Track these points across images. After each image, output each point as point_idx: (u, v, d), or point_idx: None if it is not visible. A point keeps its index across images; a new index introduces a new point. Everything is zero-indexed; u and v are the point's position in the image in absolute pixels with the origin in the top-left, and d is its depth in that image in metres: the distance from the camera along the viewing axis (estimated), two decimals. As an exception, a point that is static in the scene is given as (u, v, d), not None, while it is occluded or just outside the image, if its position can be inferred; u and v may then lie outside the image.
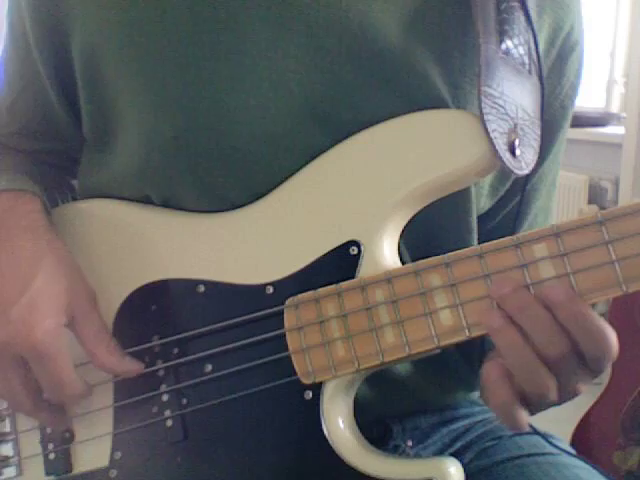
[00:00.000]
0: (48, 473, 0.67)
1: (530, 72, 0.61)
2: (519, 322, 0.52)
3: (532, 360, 0.52)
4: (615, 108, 2.92)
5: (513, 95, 0.59)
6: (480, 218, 0.68)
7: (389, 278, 0.56)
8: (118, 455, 0.64)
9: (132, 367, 0.63)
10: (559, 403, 0.56)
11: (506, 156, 0.57)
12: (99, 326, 0.63)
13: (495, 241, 0.54)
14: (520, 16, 0.61)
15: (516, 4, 0.61)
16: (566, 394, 0.55)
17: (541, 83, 0.62)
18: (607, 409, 1.57)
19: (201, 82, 0.61)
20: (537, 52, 0.62)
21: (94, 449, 0.65)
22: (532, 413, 0.56)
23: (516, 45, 0.60)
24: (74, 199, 0.78)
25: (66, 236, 0.69)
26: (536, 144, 0.60)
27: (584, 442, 1.58)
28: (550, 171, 0.74)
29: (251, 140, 0.61)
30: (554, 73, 0.68)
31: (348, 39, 0.60)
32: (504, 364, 0.53)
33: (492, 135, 0.56)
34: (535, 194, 0.73)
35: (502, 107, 0.57)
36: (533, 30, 0.61)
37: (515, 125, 0.58)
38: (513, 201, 0.71)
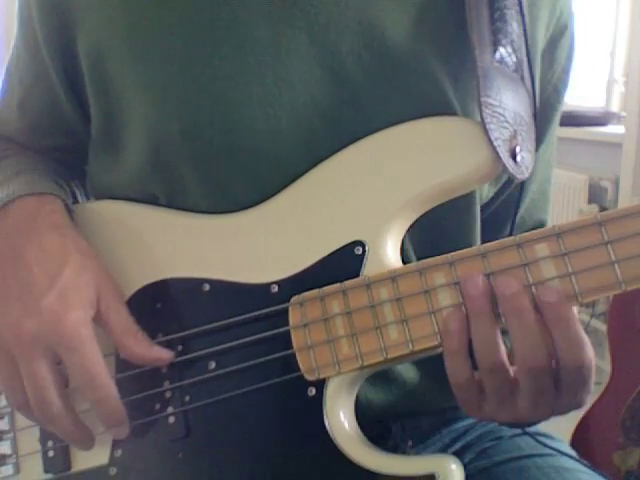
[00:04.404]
0: (46, 471, 0.67)
1: (523, 78, 0.62)
2: (510, 325, 0.53)
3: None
4: (615, 107, 2.91)
5: (510, 103, 0.60)
6: (481, 205, 0.69)
7: (394, 277, 0.57)
8: (118, 452, 0.64)
9: (162, 355, 0.62)
10: (531, 422, 0.58)
11: (509, 163, 0.58)
12: (126, 317, 0.63)
13: (497, 241, 0.55)
14: (513, 23, 0.62)
15: (508, 12, 0.61)
16: (537, 414, 0.56)
17: (532, 88, 0.63)
18: (607, 409, 1.57)
19: (205, 79, 0.61)
20: (529, 58, 0.63)
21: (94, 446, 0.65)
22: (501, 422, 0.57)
23: (509, 53, 0.61)
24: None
25: None
26: (532, 148, 0.62)
27: (584, 442, 1.58)
28: (545, 154, 0.75)
29: (255, 136, 0.61)
30: (545, 58, 0.69)
31: (349, 36, 0.61)
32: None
33: (495, 143, 0.57)
34: (531, 178, 0.74)
35: (502, 115, 0.58)
36: (526, 36, 0.62)
37: (515, 132, 0.59)
38: (511, 187, 0.72)
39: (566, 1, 0.70)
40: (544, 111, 0.70)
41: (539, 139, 0.67)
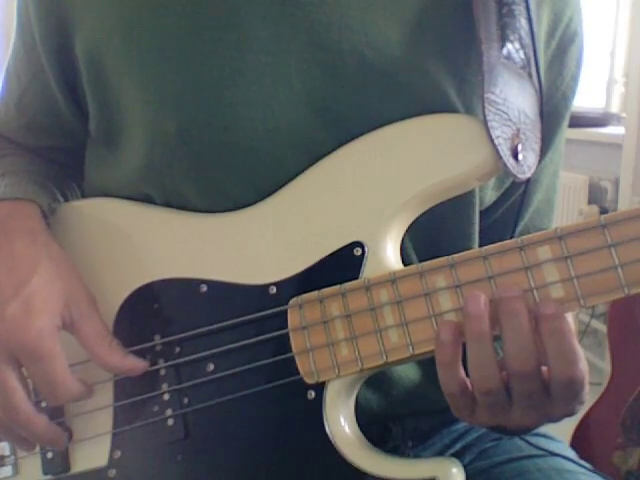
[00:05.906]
0: (45, 472, 0.67)
1: (530, 75, 0.62)
2: (503, 326, 0.53)
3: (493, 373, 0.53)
4: (615, 108, 2.91)
5: (515, 100, 0.59)
6: (483, 212, 0.69)
7: (393, 279, 0.57)
8: (117, 454, 0.64)
9: (136, 365, 0.62)
10: (525, 430, 0.58)
11: (510, 162, 0.57)
12: (99, 326, 0.62)
13: (499, 243, 0.54)
14: (521, 19, 0.61)
15: (517, 8, 0.61)
16: (529, 420, 0.55)
17: (539, 85, 0.62)
18: (607, 409, 1.57)
19: (202, 78, 0.61)
20: (535, 55, 0.62)
21: (93, 448, 0.65)
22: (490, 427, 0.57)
23: (517, 49, 0.61)
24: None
25: (67, 235, 0.69)
26: (537, 147, 0.61)
27: (584, 442, 1.58)
28: (552, 162, 0.74)
29: (253, 135, 0.61)
30: (555, 64, 0.69)
31: (349, 36, 0.60)
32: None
33: (496, 142, 0.56)
34: (537, 186, 0.73)
35: (505, 113, 0.58)
36: (533, 33, 0.62)
37: (518, 130, 0.58)
38: (516, 194, 0.71)
39: (576, 7, 0.69)
40: (552, 118, 0.69)
41: (546, 145, 0.66)
